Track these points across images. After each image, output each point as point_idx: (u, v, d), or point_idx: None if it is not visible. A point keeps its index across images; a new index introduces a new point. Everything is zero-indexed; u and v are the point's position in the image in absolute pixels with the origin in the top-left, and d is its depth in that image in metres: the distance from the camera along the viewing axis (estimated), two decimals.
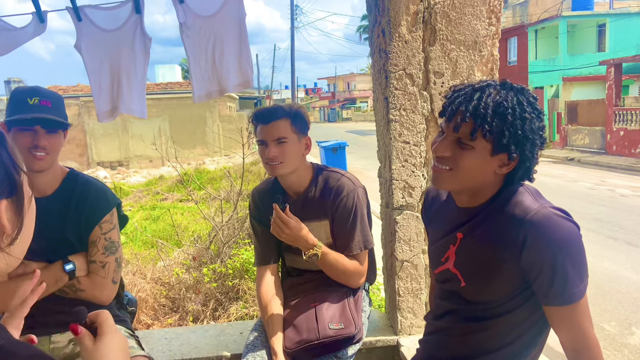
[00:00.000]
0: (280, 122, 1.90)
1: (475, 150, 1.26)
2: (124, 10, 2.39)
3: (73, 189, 1.83)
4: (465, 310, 1.41)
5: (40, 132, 1.70)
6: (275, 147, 1.89)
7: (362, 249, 1.96)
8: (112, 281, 1.84)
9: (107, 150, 20.56)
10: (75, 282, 1.77)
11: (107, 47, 2.40)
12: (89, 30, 2.38)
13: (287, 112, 1.92)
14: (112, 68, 2.42)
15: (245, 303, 4.02)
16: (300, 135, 1.95)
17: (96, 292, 1.80)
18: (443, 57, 2.09)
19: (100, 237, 1.82)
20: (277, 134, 1.89)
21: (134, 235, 7.30)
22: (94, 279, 1.80)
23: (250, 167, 10.80)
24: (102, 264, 1.81)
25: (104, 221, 1.84)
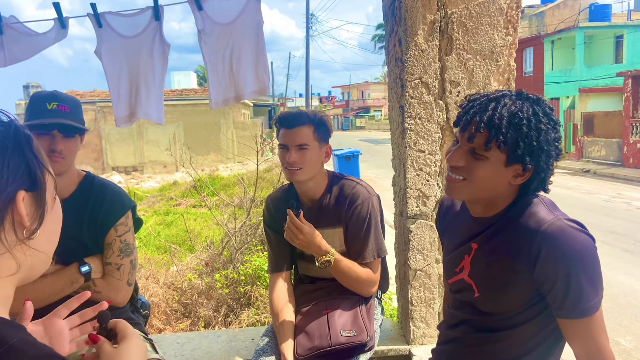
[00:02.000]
0: (303, 128, 1.92)
1: (489, 161, 1.26)
2: (144, 17, 2.42)
3: (89, 192, 1.86)
4: (479, 320, 1.40)
5: (58, 136, 1.73)
6: (296, 153, 1.90)
7: (376, 257, 1.95)
8: (127, 283, 1.86)
9: (122, 156, 20.77)
10: (91, 284, 1.79)
11: (126, 53, 2.43)
12: (109, 37, 2.42)
13: (311, 118, 1.94)
14: (131, 74, 2.45)
15: (257, 309, 4.02)
16: (322, 143, 1.96)
17: (111, 293, 1.82)
18: (459, 66, 2.09)
19: (115, 240, 1.84)
20: (300, 139, 1.91)
21: (147, 240, 7.35)
22: (110, 281, 1.82)
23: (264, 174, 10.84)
24: (117, 265, 1.83)
25: (119, 224, 1.86)
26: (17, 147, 0.75)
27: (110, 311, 1.90)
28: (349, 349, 1.85)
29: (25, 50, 2.45)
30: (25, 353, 0.67)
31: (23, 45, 2.44)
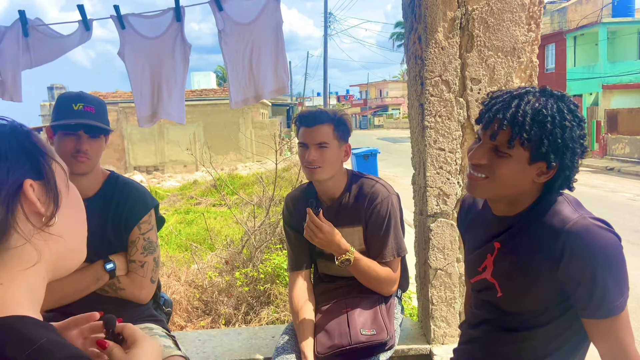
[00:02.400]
0: (323, 127, 1.92)
1: (512, 159, 1.24)
2: (165, 19, 2.45)
3: (113, 190, 1.89)
4: (501, 320, 1.39)
5: (84, 137, 1.77)
6: (316, 151, 1.91)
7: (395, 256, 1.95)
8: (151, 280, 1.89)
9: (144, 155, 21.04)
10: (116, 281, 1.82)
11: (148, 54, 2.47)
12: (132, 38, 2.46)
13: (331, 117, 1.94)
14: (153, 74, 2.49)
15: (277, 308, 4.04)
16: (342, 141, 1.96)
17: (135, 290, 1.85)
18: (480, 63, 2.07)
19: (139, 238, 1.87)
20: (319, 138, 1.91)
21: (168, 238, 7.44)
22: (134, 278, 1.85)
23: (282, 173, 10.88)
24: (141, 263, 1.86)
25: (143, 222, 1.89)
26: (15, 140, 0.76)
27: (134, 308, 1.94)
28: (368, 348, 1.85)
29: (51, 52, 2.50)
30: (53, 353, 0.67)
31: (48, 47, 2.49)
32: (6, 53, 2.45)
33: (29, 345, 0.67)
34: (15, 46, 2.44)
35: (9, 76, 2.48)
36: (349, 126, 2.00)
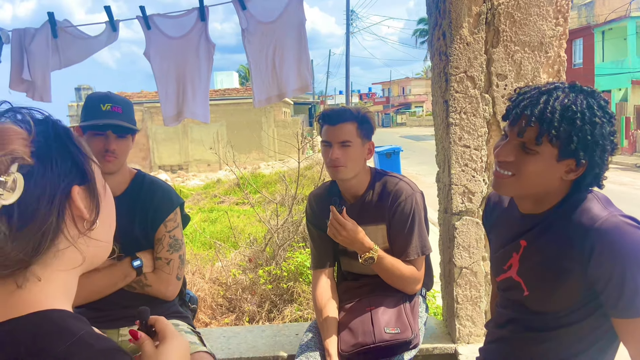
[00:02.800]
0: (346, 125, 1.91)
1: (540, 156, 1.21)
2: (190, 18, 2.48)
3: (140, 189, 1.92)
4: (529, 319, 1.37)
5: (111, 136, 1.80)
6: (339, 150, 1.90)
7: (420, 254, 1.93)
8: (177, 277, 1.91)
9: (168, 154, 21.33)
10: (143, 278, 1.85)
11: (173, 54, 2.50)
12: (157, 38, 2.49)
13: (354, 115, 1.93)
14: (178, 74, 2.52)
15: (300, 306, 4.05)
16: (365, 140, 1.95)
17: (162, 287, 1.88)
18: (506, 58, 2.04)
19: (165, 235, 1.89)
20: (343, 136, 1.90)
21: (193, 236, 7.53)
22: (160, 275, 1.87)
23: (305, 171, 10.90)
24: (167, 260, 1.89)
25: (169, 220, 1.91)
26: (60, 143, 0.77)
27: (160, 304, 1.96)
28: (393, 346, 1.84)
29: (79, 53, 2.55)
30: (92, 346, 0.69)
31: (76, 48, 2.54)
32: (36, 54, 2.51)
33: (70, 337, 0.69)
34: (44, 47, 2.50)
35: (39, 77, 2.53)
36: (372, 124, 1.98)
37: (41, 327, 0.70)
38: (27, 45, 2.50)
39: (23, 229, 0.70)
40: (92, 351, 0.69)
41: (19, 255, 0.70)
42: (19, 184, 0.69)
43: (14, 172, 0.69)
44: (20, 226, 0.69)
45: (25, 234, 0.70)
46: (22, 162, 0.71)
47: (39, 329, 0.70)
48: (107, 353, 0.70)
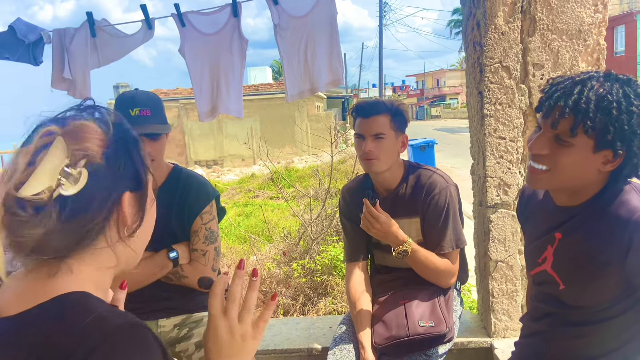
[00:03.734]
0: (380, 118, 1.90)
1: (575, 148, 1.18)
2: (223, 15, 2.51)
3: (177, 182, 1.96)
4: (565, 314, 1.34)
5: (145, 141, 1.82)
6: (373, 142, 1.89)
7: (454, 247, 1.91)
8: (212, 268, 1.95)
9: (204, 150, 21.67)
10: (179, 270, 1.90)
11: (207, 50, 2.54)
12: (192, 35, 2.54)
13: (388, 108, 1.91)
14: (212, 70, 2.56)
15: (334, 299, 4.07)
16: (398, 132, 1.94)
17: (197, 278, 1.91)
18: (543, 47, 1.99)
19: (201, 227, 1.93)
20: (376, 129, 1.89)
21: (228, 230, 7.64)
22: (196, 266, 1.91)
23: (338, 165, 10.89)
24: (203, 252, 1.92)
25: (205, 212, 1.95)
26: (128, 150, 0.80)
27: (197, 296, 2.00)
28: (427, 340, 1.83)
29: (117, 51, 2.62)
30: (112, 320, 0.72)
31: (114, 47, 2.61)
32: (76, 53, 2.59)
33: (89, 314, 0.71)
34: (84, 46, 2.58)
35: (79, 75, 2.62)
36: (406, 117, 1.97)
37: (63, 307, 0.74)
38: (68, 45, 2.58)
39: (70, 222, 0.73)
40: (111, 325, 0.71)
41: (60, 246, 0.74)
42: (82, 179, 0.73)
43: (81, 167, 0.73)
44: (68, 218, 0.72)
45: (70, 227, 0.73)
46: (92, 160, 0.74)
47: (61, 309, 0.73)
48: (125, 327, 0.72)
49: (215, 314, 0.88)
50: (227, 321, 0.88)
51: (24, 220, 0.70)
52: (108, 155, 0.77)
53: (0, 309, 0.78)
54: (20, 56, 2.61)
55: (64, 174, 0.71)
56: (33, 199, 0.69)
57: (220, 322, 0.87)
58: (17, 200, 0.69)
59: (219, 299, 0.89)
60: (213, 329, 0.87)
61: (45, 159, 0.70)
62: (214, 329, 0.87)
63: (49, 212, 0.71)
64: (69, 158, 0.72)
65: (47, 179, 0.70)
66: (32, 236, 0.71)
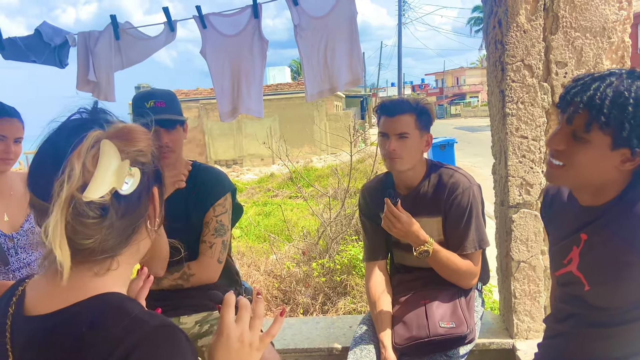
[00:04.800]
0: (404, 117, 1.88)
1: (591, 144, 1.16)
2: (244, 16, 2.53)
3: (196, 175, 1.99)
4: (590, 315, 1.32)
5: (161, 131, 1.86)
6: (397, 142, 1.88)
7: (477, 248, 1.90)
8: (218, 261, 1.95)
9: (223, 150, 21.82)
10: (186, 269, 1.91)
11: (228, 51, 2.56)
12: (213, 37, 2.56)
13: (413, 107, 1.89)
14: (233, 71, 2.58)
15: (353, 298, 4.07)
16: (423, 131, 1.92)
17: (204, 272, 1.93)
18: (566, 45, 1.96)
19: (212, 219, 1.95)
20: (400, 128, 1.88)
21: (248, 229, 7.69)
22: (201, 260, 1.93)
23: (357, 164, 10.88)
24: (210, 244, 1.94)
25: (218, 204, 1.96)
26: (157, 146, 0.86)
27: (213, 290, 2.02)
28: (447, 341, 1.82)
29: (140, 53, 2.66)
30: (147, 322, 0.75)
31: (137, 49, 2.65)
32: (100, 56, 2.64)
33: (126, 316, 0.75)
34: (108, 49, 2.62)
35: (103, 77, 2.66)
36: (431, 115, 1.94)
37: (101, 308, 0.77)
38: (92, 48, 2.63)
39: (124, 219, 0.77)
40: (148, 327, 0.74)
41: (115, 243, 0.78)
42: (135, 178, 0.77)
43: (135, 167, 0.77)
44: (122, 215, 0.76)
45: (124, 223, 0.77)
46: (144, 159, 0.79)
47: (99, 309, 0.76)
48: (160, 328, 0.75)
49: (229, 322, 0.90)
50: (239, 328, 0.90)
51: (93, 223, 0.73)
52: (154, 154, 0.82)
53: (35, 307, 0.81)
54: (47, 59, 2.66)
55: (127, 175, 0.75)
56: (99, 202, 0.73)
57: (233, 329, 0.90)
58: (85, 204, 0.72)
59: (232, 309, 0.92)
60: (225, 336, 0.89)
61: (101, 162, 0.73)
62: (227, 336, 0.89)
63: (112, 213, 0.75)
64: (128, 160, 0.76)
65: (112, 181, 0.73)
66: (97, 237, 0.74)
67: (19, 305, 0.83)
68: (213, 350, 0.90)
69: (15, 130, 2.10)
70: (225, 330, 0.90)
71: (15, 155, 2.13)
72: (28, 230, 2.13)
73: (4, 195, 2.19)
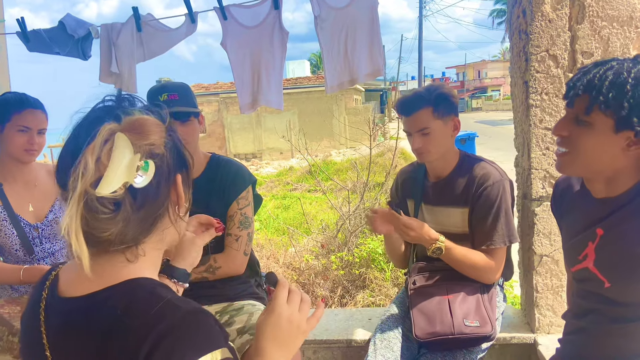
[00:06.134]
0: (420, 113, 1.88)
1: (594, 128, 1.14)
2: (264, 7, 2.53)
3: (216, 169, 2.01)
4: (610, 311, 1.29)
5: (175, 124, 1.87)
6: (419, 138, 1.89)
7: (506, 242, 1.87)
8: (244, 253, 1.98)
9: (243, 143, 21.93)
10: (212, 262, 1.93)
11: (249, 43, 2.56)
12: (234, 28, 2.56)
13: (427, 100, 1.88)
14: (253, 63, 2.58)
15: (372, 292, 4.06)
16: (446, 118, 1.90)
17: (230, 264, 1.94)
18: (593, 35, 1.92)
19: (237, 212, 1.96)
20: (419, 125, 1.88)
21: (267, 222, 7.73)
22: (228, 252, 1.94)
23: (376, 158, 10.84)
24: (236, 237, 1.95)
25: (241, 197, 1.98)
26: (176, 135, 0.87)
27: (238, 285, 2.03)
28: (472, 340, 1.81)
29: (161, 45, 2.68)
30: (180, 307, 0.76)
31: (159, 41, 2.67)
32: (122, 48, 2.66)
33: (159, 301, 0.76)
34: (130, 41, 2.64)
35: (125, 69, 2.69)
36: (451, 100, 1.92)
37: (135, 292, 0.78)
38: (115, 40, 2.66)
39: (142, 210, 0.78)
40: (180, 312, 0.75)
41: (136, 233, 0.79)
42: (150, 171, 0.78)
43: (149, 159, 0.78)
44: (140, 207, 0.77)
45: (143, 214, 0.78)
46: (157, 151, 0.80)
47: (133, 294, 0.78)
48: (192, 313, 0.77)
49: (282, 302, 0.94)
50: (290, 309, 0.94)
51: (106, 218, 0.74)
52: (167, 145, 0.82)
53: (68, 289, 0.83)
54: (70, 51, 2.70)
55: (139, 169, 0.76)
56: (111, 197, 0.74)
57: (284, 309, 0.93)
58: (97, 199, 0.73)
59: (287, 290, 0.96)
60: (277, 315, 0.93)
61: (114, 157, 0.74)
62: (278, 314, 0.93)
63: (126, 206, 0.75)
64: (139, 153, 0.76)
65: (124, 176, 0.74)
66: (113, 230, 0.75)
67: (53, 288, 0.86)
68: (263, 326, 0.93)
69: (39, 121, 2.14)
70: (278, 309, 0.93)
71: (39, 147, 2.16)
72: (52, 220, 2.16)
73: (29, 186, 2.23)
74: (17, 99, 2.14)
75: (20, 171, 2.20)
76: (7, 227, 2.12)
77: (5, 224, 2.12)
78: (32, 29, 2.71)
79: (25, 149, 2.11)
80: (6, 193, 2.15)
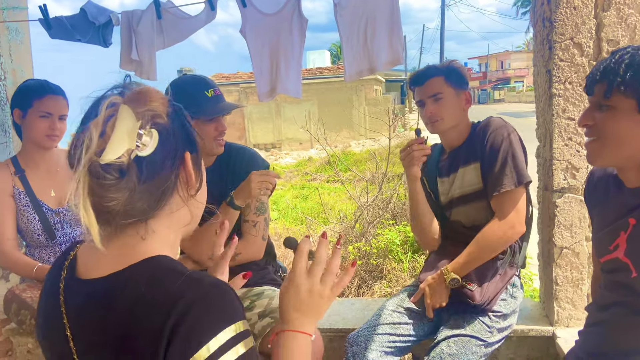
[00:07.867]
0: (433, 80, 1.93)
1: (617, 110, 1.15)
2: None
3: (229, 157, 2.02)
4: (635, 303, 1.28)
5: (223, 119, 1.91)
6: (432, 105, 1.92)
7: (517, 184, 1.81)
8: (262, 238, 2.00)
9: (263, 133, 22.00)
10: None
11: (267, 30, 2.55)
12: (253, 16, 2.56)
13: (439, 69, 1.94)
14: (272, 50, 2.57)
15: (389, 282, 4.06)
16: (458, 89, 1.94)
17: (250, 250, 1.97)
18: (619, 22, 1.87)
19: (252, 199, 1.97)
20: (432, 90, 1.92)
21: (285, 212, 7.76)
22: (247, 238, 1.97)
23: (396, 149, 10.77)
24: (254, 223, 1.97)
25: None
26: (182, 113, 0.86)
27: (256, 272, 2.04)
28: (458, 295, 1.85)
29: (181, 33, 2.68)
30: (201, 280, 0.78)
31: (178, 28, 2.67)
32: (143, 35, 2.67)
33: (180, 276, 0.77)
34: (150, 28, 2.66)
35: (145, 57, 2.70)
36: (462, 74, 1.96)
37: (155, 269, 0.79)
38: (135, 27, 2.67)
39: (149, 182, 0.78)
40: (203, 285, 0.77)
41: (143, 206, 0.79)
42: (154, 138, 0.78)
43: (151, 127, 0.78)
44: (146, 178, 0.78)
45: (150, 187, 0.79)
46: (160, 119, 0.80)
47: (154, 270, 0.79)
48: (215, 285, 0.78)
49: (300, 273, 0.93)
50: (310, 280, 0.92)
51: (111, 184, 0.75)
52: (171, 116, 0.82)
53: (87, 271, 0.84)
54: (91, 38, 2.72)
55: (139, 135, 0.76)
56: (116, 162, 0.74)
57: (303, 280, 0.92)
58: (101, 166, 0.74)
59: (304, 259, 0.94)
60: (295, 286, 0.92)
61: (117, 125, 0.75)
62: (296, 286, 0.92)
63: (131, 174, 0.76)
64: (140, 120, 0.76)
65: (126, 142, 0.75)
66: (119, 199, 0.76)
67: (71, 270, 0.87)
68: (283, 296, 0.94)
69: (60, 107, 2.17)
70: (296, 280, 0.93)
71: (61, 132, 2.20)
72: None
73: (51, 171, 2.27)
74: (39, 85, 2.18)
75: (43, 157, 2.24)
76: (29, 213, 2.17)
77: (27, 209, 2.17)
78: (55, 16, 2.74)
79: (46, 135, 2.15)
80: (29, 179, 2.20)
